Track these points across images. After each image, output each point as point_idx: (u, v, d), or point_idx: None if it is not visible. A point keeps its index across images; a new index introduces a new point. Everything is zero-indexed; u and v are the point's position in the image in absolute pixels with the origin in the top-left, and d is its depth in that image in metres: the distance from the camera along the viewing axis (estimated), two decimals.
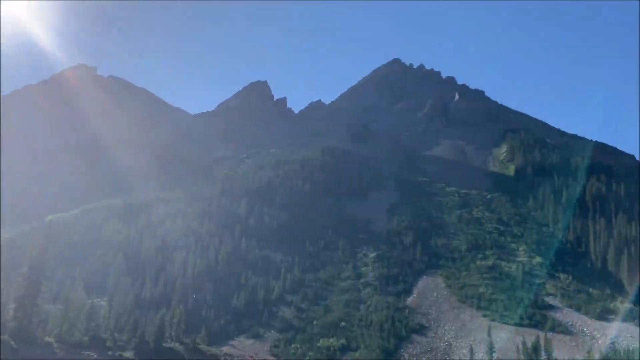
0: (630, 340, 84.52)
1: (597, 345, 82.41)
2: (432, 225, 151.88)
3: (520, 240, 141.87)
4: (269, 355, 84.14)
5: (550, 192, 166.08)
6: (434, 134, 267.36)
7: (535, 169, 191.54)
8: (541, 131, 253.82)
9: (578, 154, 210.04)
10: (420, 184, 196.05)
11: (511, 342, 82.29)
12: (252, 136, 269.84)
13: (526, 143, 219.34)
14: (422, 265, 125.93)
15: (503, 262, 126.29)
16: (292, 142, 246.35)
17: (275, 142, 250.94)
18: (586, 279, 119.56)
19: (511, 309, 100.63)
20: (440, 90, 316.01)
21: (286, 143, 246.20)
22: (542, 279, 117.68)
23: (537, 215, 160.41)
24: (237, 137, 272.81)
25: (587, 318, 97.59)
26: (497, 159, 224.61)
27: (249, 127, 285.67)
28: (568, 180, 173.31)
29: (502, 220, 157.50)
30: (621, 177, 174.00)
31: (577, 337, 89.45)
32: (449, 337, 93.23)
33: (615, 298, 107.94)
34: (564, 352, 76.70)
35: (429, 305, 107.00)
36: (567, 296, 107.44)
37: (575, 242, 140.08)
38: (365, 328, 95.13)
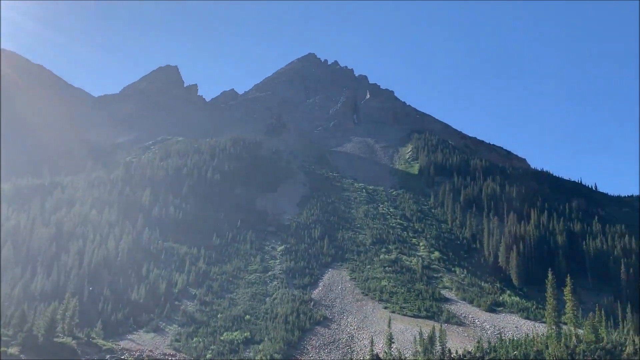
0: (515, 331, 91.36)
1: (486, 336, 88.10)
2: (339, 219, 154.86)
3: (421, 235, 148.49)
4: (170, 349, 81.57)
5: (449, 190, 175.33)
6: (345, 131, 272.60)
7: (437, 169, 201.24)
8: (444, 133, 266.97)
9: (476, 156, 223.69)
10: (330, 178, 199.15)
11: (409, 333, 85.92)
12: (159, 122, 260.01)
13: (430, 144, 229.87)
14: (329, 259, 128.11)
15: (405, 256, 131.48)
16: (202, 131, 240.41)
17: (183, 130, 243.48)
18: (479, 273, 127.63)
19: (410, 301, 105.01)
20: (352, 87, 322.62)
21: (195, 131, 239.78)
22: (439, 272, 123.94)
23: (437, 212, 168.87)
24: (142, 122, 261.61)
25: (478, 310, 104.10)
26: (403, 157, 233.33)
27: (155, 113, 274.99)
28: (466, 180, 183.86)
29: (405, 216, 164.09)
30: (514, 179, 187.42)
31: (469, 327, 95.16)
32: (351, 329, 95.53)
33: (504, 291, 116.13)
34: (457, 342, 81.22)
35: (334, 297, 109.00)
36: (461, 289, 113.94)
37: (471, 238, 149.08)
38: (270, 321, 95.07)
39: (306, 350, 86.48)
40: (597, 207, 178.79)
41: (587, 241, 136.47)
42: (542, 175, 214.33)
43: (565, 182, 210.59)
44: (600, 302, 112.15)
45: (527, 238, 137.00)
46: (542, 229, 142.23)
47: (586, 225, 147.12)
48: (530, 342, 64.58)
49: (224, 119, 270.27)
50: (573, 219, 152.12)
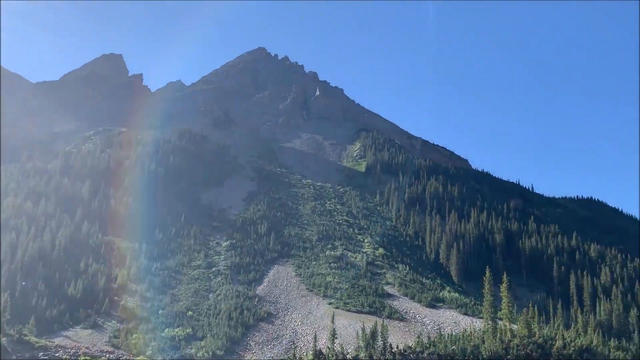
0: (454, 326, 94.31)
1: (426, 331, 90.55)
2: (286, 215, 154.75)
3: (366, 232, 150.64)
4: (108, 346, 79.09)
5: (395, 189, 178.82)
6: (294, 127, 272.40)
7: (383, 167, 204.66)
8: (391, 132, 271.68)
9: (421, 155, 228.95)
10: (277, 174, 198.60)
11: (352, 329, 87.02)
12: (101, 112, 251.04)
13: (377, 142, 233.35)
14: (274, 255, 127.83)
15: (350, 252, 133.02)
16: (146, 122, 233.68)
17: (126, 121, 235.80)
18: (421, 270, 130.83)
19: (354, 297, 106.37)
20: (302, 84, 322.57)
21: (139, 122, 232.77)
22: (383, 269, 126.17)
23: (383, 209, 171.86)
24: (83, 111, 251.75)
25: (419, 306, 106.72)
26: (350, 155, 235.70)
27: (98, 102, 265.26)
28: (411, 179, 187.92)
29: (351, 213, 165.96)
30: (456, 179, 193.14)
31: (410, 323, 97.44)
32: (295, 325, 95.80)
33: (444, 288, 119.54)
34: (398, 337, 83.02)
35: (279, 293, 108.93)
36: (404, 285, 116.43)
37: (414, 236, 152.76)
38: (213, 317, 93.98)
39: (249, 347, 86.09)
40: (533, 208, 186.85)
41: (523, 240, 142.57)
42: (483, 175, 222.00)
43: (504, 183, 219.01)
44: (533, 299, 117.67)
45: (467, 236, 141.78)
46: (481, 227, 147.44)
47: (522, 224, 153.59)
48: (468, 337, 66.82)
49: (170, 110, 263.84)
50: (510, 219, 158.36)
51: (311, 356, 65.37)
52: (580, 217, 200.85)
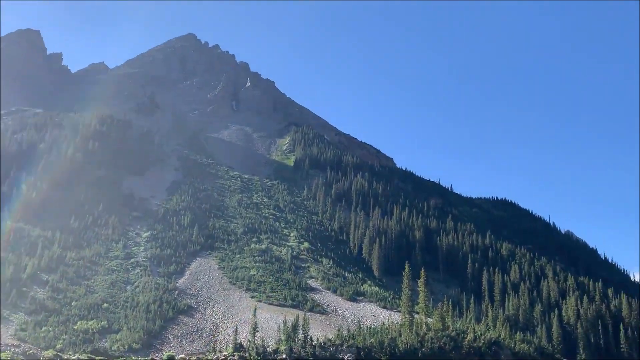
0: (373, 319, 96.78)
1: (346, 324, 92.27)
2: (211, 207, 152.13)
3: (292, 226, 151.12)
4: (13, 339, 74.33)
5: (322, 184, 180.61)
6: (223, 117, 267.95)
7: (312, 162, 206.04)
8: (321, 128, 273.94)
9: (349, 152, 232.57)
10: (204, 165, 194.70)
11: (274, 322, 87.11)
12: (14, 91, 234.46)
13: (307, 137, 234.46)
14: (197, 247, 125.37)
15: (275, 246, 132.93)
16: (65, 104, 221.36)
17: (42, 102, 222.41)
18: (344, 264, 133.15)
19: (277, 290, 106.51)
20: (233, 74, 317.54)
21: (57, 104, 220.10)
22: (307, 262, 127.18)
23: (310, 204, 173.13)
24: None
25: (341, 299, 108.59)
26: (280, 148, 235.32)
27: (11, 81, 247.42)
28: (338, 175, 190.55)
29: (278, 207, 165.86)
30: (381, 177, 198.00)
31: (331, 316, 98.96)
32: (216, 318, 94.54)
33: (365, 282, 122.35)
34: (319, 330, 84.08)
35: (200, 286, 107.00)
36: (327, 279, 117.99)
37: (339, 230, 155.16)
38: (130, 309, 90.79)
39: (167, 340, 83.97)
40: (451, 207, 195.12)
41: (441, 237, 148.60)
42: (406, 174, 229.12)
43: (426, 182, 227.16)
44: (449, 293, 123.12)
45: (389, 232, 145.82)
46: (403, 224, 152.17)
47: (441, 222, 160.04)
48: (386, 329, 68.84)
49: (91, 93, 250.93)
50: (430, 216, 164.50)
51: (231, 350, 64.82)
52: (495, 217, 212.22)
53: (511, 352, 67.99)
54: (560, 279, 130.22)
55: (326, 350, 62.28)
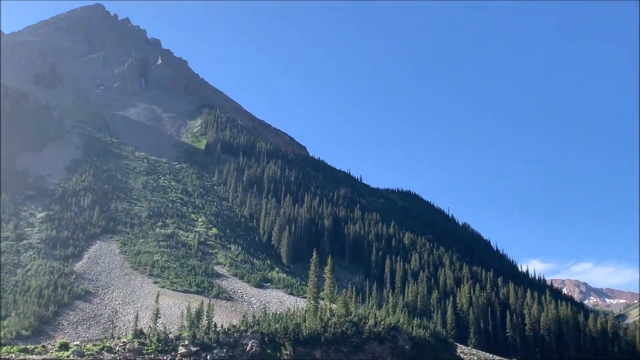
0: (279, 305, 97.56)
1: (252, 310, 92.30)
2: (114, 189, 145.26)
3: (201, 211, 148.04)
4: None
5: (234, 169, 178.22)
6: (131, 94, 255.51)
7: (224, 146, 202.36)
8: (234, 112, 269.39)
9: (262, 138, 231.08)
10: (107, 144, 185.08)
11: (177, 308, 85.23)
12: None
13: (220, 120, 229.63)
14: (98, 230, 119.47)
15: (182, 231, 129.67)
16: None
17: None
18: (252, 251, 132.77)
19: (182, 276, 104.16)
20: (143, 50, 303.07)
21: None
22: (215, 249, 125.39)
23: (220, 189, 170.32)
24: None
25: (248, 286, 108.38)
26: (190, 131, 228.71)
27: None
28: (251, 160, 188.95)
29: (187, 191, 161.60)
30: (293, 165, 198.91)
31: (237, 302, 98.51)
32: (115, 304, 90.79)
33: (273, 268, 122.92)
34: (224, 317, 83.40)
35: (100, 271, 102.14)
36: (234, 266, 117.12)
37: (249, 217, 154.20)
38: (21, 294, 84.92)
39: (61, 327, 79.51)
40: (360, 196, 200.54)
41: (349, 226, 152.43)
42: (318, 163, 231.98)
43: (337, 172, 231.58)
44: (353, 280, 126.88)
45: (299, 220, 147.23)
46: (313, 212, 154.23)
47: (349, 211, 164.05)
48: (291, 315, 69.61)
49: None
50: (339, 205, 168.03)
51: (131, 336, 62.53)
52: (400, 207, 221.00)
53: (408, 336, 71.37)
54: (456, 268, 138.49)
55: (230, 337, 61.88)
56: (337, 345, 64.70)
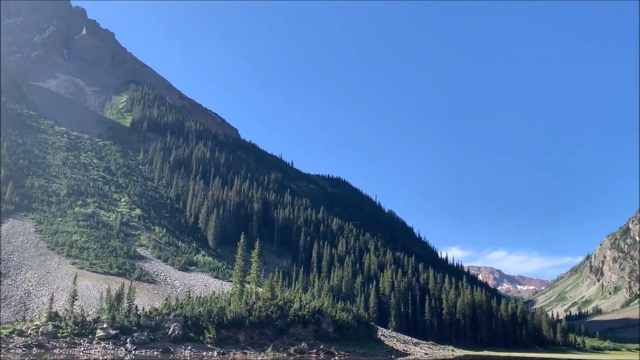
0: (204, 289, 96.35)
1: (175, 293, 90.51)
2: (30, 164, 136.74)
3: (124, 191, 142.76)
4: None
5: (161, 149, 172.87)
6: (51, 65, 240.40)
7: (151, 125, 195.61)
8: (163, 89, 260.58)
9: (192, 118, 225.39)
10: (24, 116, 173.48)
11: (96, 290, 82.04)
12: None
13: (147, 97, 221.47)
14: (11, 207, 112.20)
15: (103, 211, 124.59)
16: None
17: None
18: (178, 233, 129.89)
19: (103, 257, 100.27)
20: (66, 18, 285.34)
21: None
22: (138, 230, 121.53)
23: (145, 169, 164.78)
24: None
25: (172, 269, 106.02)
26: (115, 107, 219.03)
27: None
28: (179, 140, 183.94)
29: (109, 169, 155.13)
30: (224, 147, 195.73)
31: (160, 285, 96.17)
32: (29, 285, 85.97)
33: (199, 251, 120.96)
34: (146, 300, 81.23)
35: (12, 250, 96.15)
36: (158, 248, 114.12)
37: (175, 199, 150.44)
38: None
39: None
40: (290, 181, 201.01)
41: (278, 210, 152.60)
42: (250, 146, 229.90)
43: (268, 156, 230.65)
44: (281, 264, 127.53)
45: (228, 203, 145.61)
46: (242, 195, 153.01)
47: (279, 196, 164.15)
48: (216, 299, 68.99)
49: None
50: (270, 190, 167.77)
51: (45, 319, 59.55)
52: (329, 193, 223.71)
53: (332, 319, 72.83)
54: (381, 254, 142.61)
55: (152, 320, 60.48)
56: (262, 328, 64.95)
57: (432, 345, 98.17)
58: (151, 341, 57.21)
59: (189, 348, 57.19)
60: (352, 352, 66.32)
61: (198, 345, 58.61)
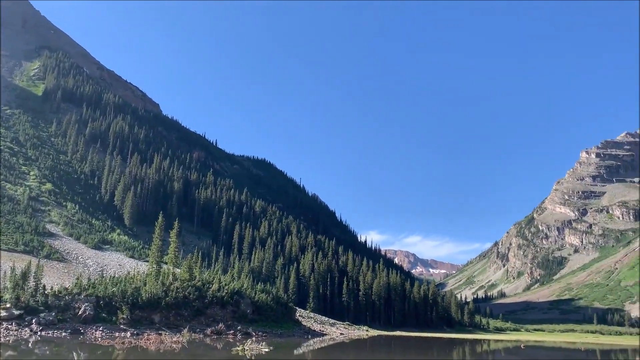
0: (119, 268, 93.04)
1: (88, 272, 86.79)
2: None
3: (33, 164, 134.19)
4: None
5: (75, 121, 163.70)
6: None
7: (65, 95, 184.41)
8: (80, 58, 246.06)
9: (111, 90, 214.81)
10: None
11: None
12: None
13: (62, 66, 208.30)
14: None
15: (9, 184, 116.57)
16: None
17: None
18: (92, 210, 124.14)
19: (8, 234, 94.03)
20: None
21: None
22: (48, 206, 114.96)
23: (58, 141, 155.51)
24: None
25: (84, 247, 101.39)
26: (26, 74, 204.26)
27: None
28: (96, 113, 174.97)
29: (17, 140, 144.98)
30: (144, 122, 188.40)
31: (72, 264, 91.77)
32: None
33: (114, 230, 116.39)
34: (55, 278, 77.29)
35: None
36: (70, 225, 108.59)
37: (90, 174, 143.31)
38: None
39: None
40: (213, 161, 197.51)
41: (200, 190, 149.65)
42: (172, 123, 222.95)
43: (191, 134, 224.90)
44: (200, 245, 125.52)
45: (147, 180, 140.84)
46: (162, 173, 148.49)
47: (202, 175, 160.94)
48: (131, 279, 66.82)
49: None
50: (192, 169, 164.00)
51: None
52: (253, 174, 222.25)
53: (251, 301, 72.87)
54: (302, 236, 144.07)
55: (61, 300, 57.65)
56: (178, 309, 63.84)
57: (348, 326, 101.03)
58: (59, 322, 54.64)
59: (100, 329, 55.22)
60: (270, 333, 66.88)
61: (110, 326, 56.73)
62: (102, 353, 35.97)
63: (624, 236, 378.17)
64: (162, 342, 45.79)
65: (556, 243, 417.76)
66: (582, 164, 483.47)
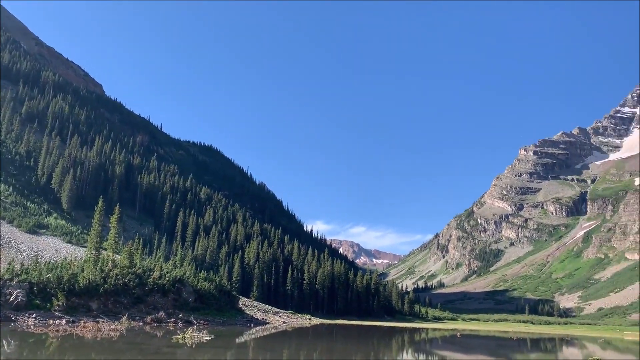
0: (55, 254, 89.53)
1: (21, 257, 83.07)
2: None
3: None
4: None
5: (11, 99, 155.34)
6: None
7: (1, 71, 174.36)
8: (18, 32, 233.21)
9: (50, 68, 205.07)
10: None
11: None
12: None
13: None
14: None
15: None
16: None
17: None
18: (27, 193, 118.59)
19: None
20: None
21: None
22: None
23: None
24: None
25: (18, 231, 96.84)
26: None
27: None
28: (33, 91, 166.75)
29: None
30: (85, 102, 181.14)
31: (3, 248, 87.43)
32: None
33: (51, 214, 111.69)
34: None
35: None
36: (3, 207, 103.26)
37: (26, 155, 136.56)
38: None
39: None
40: (158, 146, 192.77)
41: (143, 175, 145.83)
42: (115, 105, 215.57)
43: (135, 117, 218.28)
44: (142, 232, 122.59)
45: (87, 164, 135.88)
46: (104, 157, 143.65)
47: (145, 160, 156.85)
48: (67, 265, 64.52)
49: None
50: (134, 153, 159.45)
51: None
52: (199, 161, 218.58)
53: (193, 289, 72.00)
54: (248, 225, 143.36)
55: None
56: (117, 296, 62.27)
57: (291, 314, 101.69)
58: None
59: (33, 316, 53.13)
60: (212, 322, 66.39)
61: (44, 313, 54.66)
62: (35, 341, 34.69)
63: (557, 231, 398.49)
64: (100, 329, 44.61)
65: (494, 236, 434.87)
66: (521, 160, 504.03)
